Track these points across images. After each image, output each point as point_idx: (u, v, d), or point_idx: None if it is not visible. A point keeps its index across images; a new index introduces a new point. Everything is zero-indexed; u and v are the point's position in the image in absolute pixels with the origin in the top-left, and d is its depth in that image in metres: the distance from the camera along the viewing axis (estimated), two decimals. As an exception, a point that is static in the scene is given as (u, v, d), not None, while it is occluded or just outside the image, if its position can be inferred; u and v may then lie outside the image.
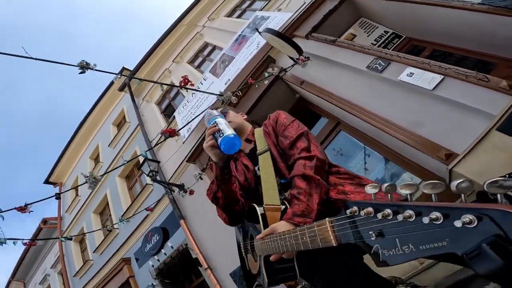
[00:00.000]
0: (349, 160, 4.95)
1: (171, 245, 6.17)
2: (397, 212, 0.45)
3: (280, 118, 1.36)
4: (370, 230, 0.51)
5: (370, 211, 0.50)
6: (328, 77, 4.36)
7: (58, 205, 10.52)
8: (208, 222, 5.44)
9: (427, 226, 0.40)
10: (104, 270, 8.07)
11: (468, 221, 0.34)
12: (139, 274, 7.09)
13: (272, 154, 1.27)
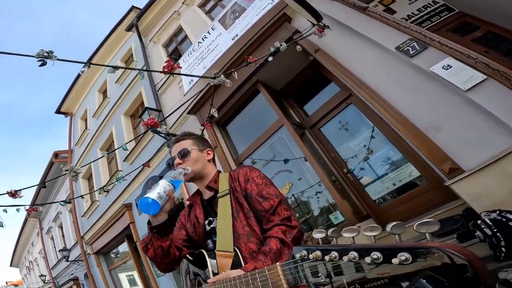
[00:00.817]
0: (352, 137, 4.74)
1: (163, 178, 6.30)
2: (342, 254, 0.48)
3: (254, 175, 1.29)
4: (319, 272, 0.54)
5: (318, 255, 0.53)
6: (348, 50, 3.87)
7: (69, 138, 10.79)
8: None
9: (369, 265, 0.43)
10: (108, 214, 8.59)
11: (404, 258, 0.38)
12: (139, 221, 7.46)
13: (231, 200, 1.24)
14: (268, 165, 5.18)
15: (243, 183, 1.25)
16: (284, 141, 4.98)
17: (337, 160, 4.89)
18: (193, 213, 1.38)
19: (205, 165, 1.39)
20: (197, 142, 1.44)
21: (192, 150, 1.37)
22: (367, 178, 4.72)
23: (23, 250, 19.65)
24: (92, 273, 10.26)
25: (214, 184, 1.34)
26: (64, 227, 12.10)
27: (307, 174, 4.83)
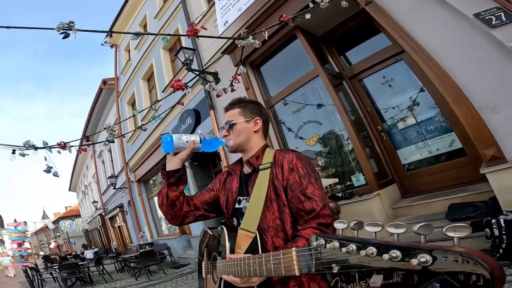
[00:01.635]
0: (395, 94, 4.42)
1: (200, 132, 6.52)
2: (360, 248, 0.47)
3: (299, 165, 1.13)
4: (333, 263, 0.53)
5: (335, 245, 0.53)
6: (407, 8, 3.48)
7: (115, 67, 11.47)
8: None
9: (386, 263, 0.42)
10: (147, 143, 9.21)
11: (424, 260, 0.36)
12: None
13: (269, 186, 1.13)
14: (298, 113, 5.10)
15: (286, 171, 1.12)
16: (318, 91, 4.79)
17: (373, 116, 4.65)
18: (229, 183, 1.30)
19: (249, 137, 1.26)
20: (244, 110, 1.29)
21: (237, 121, 1.25)
22: (402, 140, 4.48)
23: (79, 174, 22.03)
24: (133, 201, 11.51)
25: (255, 161, 1.23)
26: (113, 152, 13.36)
27: (336, 128, 4.70)
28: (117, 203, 14.22)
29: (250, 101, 1.36)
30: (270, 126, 5.69)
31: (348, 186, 4.62)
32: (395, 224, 0.46)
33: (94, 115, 13.91)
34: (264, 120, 1.31)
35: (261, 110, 1.33)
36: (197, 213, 1.29)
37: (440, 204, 3.72)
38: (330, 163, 4.93)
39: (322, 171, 5.00)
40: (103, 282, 7.72)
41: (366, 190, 4.23)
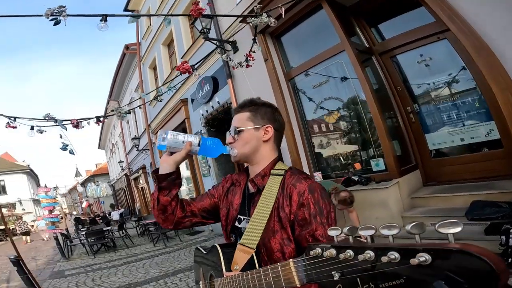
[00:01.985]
0: (432, 75, 4.02)
1: (217, 100, 6.69)
2: (357, 253, 0.47)
3: (312, 199, 0.96)
4: (333, 270, 0.52)
5: (332, 253, 0.53)
6: None
7: (136, 33, 11.58)
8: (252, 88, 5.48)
9: (386, 265, 0.42)
10: (168, 106, 9.32)
11: (423, 259, 0.36)
12: (192, 118, 8.11)
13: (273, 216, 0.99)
14: (319, 88, 4.79)
15: (295, 205, 0.96)
16: (342, 67, 4.43)
17: (403, 95, 4.31)
18: (231, 195, 1.18)
19: (257, 147, 1.10)
20: (254, 115, 1.11)
21: (244, 128, 1.09)
22: (433, 124, 4.16)
23: (107, 132, 22.97)
24: (155, 163, 11.89)
25: (260, 181, 1.07)
26: (136, 113, 13.75)
27: (359, 107, 4.39)
28: (140, 164, 14.79)
29: (263, 103, 1.14)
30: (289, 100, 5.32)
31: (365, 170, 4.42)
32: (388, 226, 0.47)
33: (119, 79, 14.22)
34: (277, 127, 1.12)
35: (274, 116, 1.13)
36: (194, 219, 1.20)
37: (461, 199, 3.50)
38: (349, 143, 4.68)
39: (340, 152, 4.78)
40: (125, 247, 8.26)
41: (384, 177, 4.05)
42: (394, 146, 4.21)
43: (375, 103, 3.98)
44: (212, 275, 1.12)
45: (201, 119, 7.41)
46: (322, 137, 5.00)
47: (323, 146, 5.02)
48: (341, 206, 3.28)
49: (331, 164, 4.98)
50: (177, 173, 1.12)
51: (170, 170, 1.10)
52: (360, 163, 4.56)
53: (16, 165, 28.01)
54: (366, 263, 0.46)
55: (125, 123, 16.64)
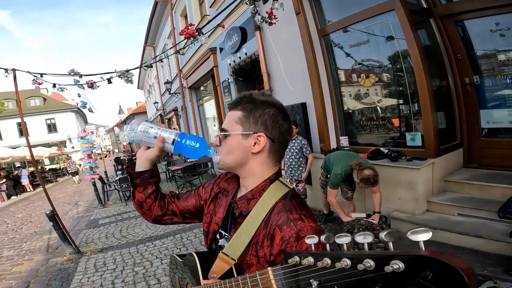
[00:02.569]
0: (506, 46, 3.36)
1: (245, 51, 6.36)
2: (334, 261, 0.47)
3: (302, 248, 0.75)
4: (311, 278, 0.52)
5: (310, 261, 0.52)
6: None
7: None
8: (282, 43, 5.17)
9: (362, 272, 0.43)
10: (197, 54, 9.24)
11: (396, 267, 0.37)
12: (220, 66, 7.94)
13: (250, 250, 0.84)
14: (357, 48, 4.17)
15: (277, 248, 0.78)
16: (388, 28, 3.75)
17: (463, 64, 3.73)
18: (217, 204, 1.03)
19: (244, 160, 0.87)
20: (246, 118, 0.86)
21: (230, 133, 0.87)
22: (492, 99, 3.66)
23: (145, 74, 23.44)
24: (185, 106, 12.12)
25: (244, 205, 0.88)
26: (169, 58, 13.73)
27: (403, 73, 3.80)
28: (173, 106, 15.31)
29: (265, 102, 0.87)
30: (320, 58, 4.77)
31: (398, 143, 4.03)
32: (362, 234, 0.47)
33: (153, 26, 14.17)
34: (274, 137, 0.85)
35: (274, 121, 0.85)
36: (174, 219, 1.12)
37: (500, 191, 3.16)
38: (384, 111, 4.19)
39: (373, 119, 4.30)
40: None
41: (419, 154, 3.68)
42: (439, 119, 3.73)
43: (423, 69, 3.45)
44: (188, 283, 1.06)
45: (228, 68, 7.24)
46: (354, 101, 4.53)
47: (353, 111, 4.59)
48: (363, 184, 2.99)
49: (360, 131, 4.59)
50: (151, 171, 1.02)
51: (143, 169, 1.01)
52: (394, 135, 4.16)
53: (65, 104, 29.98)
54: (343, 271, 0.46)
55: (160, 67, 16.82)
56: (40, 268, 4.11)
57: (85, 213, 7.65)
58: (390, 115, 4.15)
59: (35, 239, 5.73)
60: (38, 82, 3.94)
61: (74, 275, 3.66)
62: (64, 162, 21.45)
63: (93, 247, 4.62)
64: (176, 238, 4.52)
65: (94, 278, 3.54)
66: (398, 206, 3.64)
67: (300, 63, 4.72)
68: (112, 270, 3.70)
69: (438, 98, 3.73)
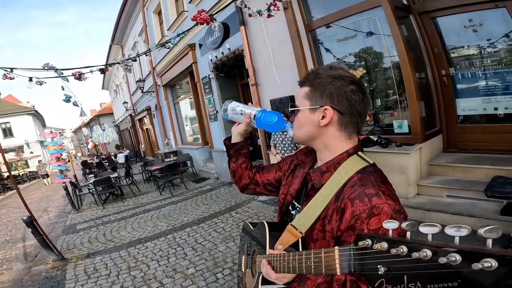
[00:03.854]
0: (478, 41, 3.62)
1: (228, 46, 6.29)
2: (412, 250, 0.44)
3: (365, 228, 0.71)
4: (379, 264, 0.50)
5: (383, 247, 0.49)
6: None
7: None
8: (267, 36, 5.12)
9: (441, 266, 0.40)
10: (174, 50, 8.87)
11: (488, 265, 0.34)
12: (200, 62, 7.78)
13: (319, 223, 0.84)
14: (345, 42, 4.31)
15: (345, 223, 0.75)
16: (375, 23, 3.92)
17: (439, 58, 4.00)
18: (295, 176, 1.05)
19: (315, 134, 0.88)
20: (313, 92, 0.86)
21: (299, 108, 0.89)
22: (467, 89, 3.95)
23: (111, 73, 22.10)
24: (160, 105, 11.71)
25: (317, 177, 0.88)
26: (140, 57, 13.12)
27: (389, 66, 4.00)
28: (145, 105, 14.73)
29: (331, 76, 0.85)
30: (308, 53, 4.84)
31: (387, 131, 4.23)
32: (455, 227, 0.41)
33: (121, 23, 13.50)
34: (343, 109, 0.84)
35: (342, 93, 0.83)
36: (257, 188, 1.23)
37: (483, 172, 3.40)
38: (372, 103, 4.39)
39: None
40: (132, 196, 8.36)
41: (406, 140, 3.89)
42: (422, 108, 3.97)
43: (409, 63, 3.66)
44: (255, 251, 1.11)
45: (209, 64, 7.13)
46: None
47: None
48: None
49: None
50: (241, 143, 1.19)
51: (235, 141, 1.19)
52: (383, 124, 4.35)
53: (20, 107, 27.68)
54: (419, 262, 0.43)
55: (129, 65, 16.06)
56: (23, 277, 3.79)
57: (58, 219, 7.15)
58: (377, 105, 4.34)
59: (9, 248, 5.29)
60: (9, 77, 3.60)
61: (65, 283, 3.42)
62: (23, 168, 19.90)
63: (78, 253, 4.34)
64: (168, 238, 4.38)
65: (88, 285, 3.34)
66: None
67: (287, 57, 4.78)
68: (107, 275, 3.51)
69: (421, 88, 3.99)
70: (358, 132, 0.90)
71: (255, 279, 1.04)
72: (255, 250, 1.10)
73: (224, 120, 7.41)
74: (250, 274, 1.13)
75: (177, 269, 3.36)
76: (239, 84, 7.51)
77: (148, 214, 5.94)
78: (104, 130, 19.89)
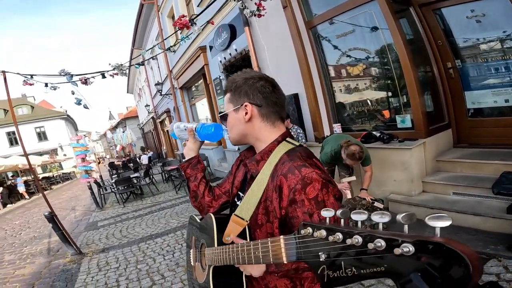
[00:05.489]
0: (483, 32, 3.49)
1: (235, 47, 6.40)
2: (346, 237, 0.48)
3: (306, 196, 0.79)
4: (320, 251, 0.53)
5: (322, 234, 0.53)
6: None
7: None
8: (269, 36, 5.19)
9: (371, 252, 0.43)
10: (188, 53, 9.21)
11: (406, 250, 0.37)
12: (211, 64, 7.96)
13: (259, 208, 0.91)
14: (344, 37, 4.28)
15: (285, 199, 0.83)
16: (371, 17, 3.86)
17: (444, 50, 3.87)
18: (240, 169, 1.13)
19: (245, 130, 0.98)
20: (233, 95, 0.98)
21: (226, 112, 1.01)
22: (475, 81, 3.80)
23: (134, 78, 23.24)
24: (177, 107, 12.12)
25: (254, 166, 0.96)
26: (159, 59, 13.62)
27: (388, 59, 3.91)
28: (165, 108, 15.18)
29: (243, 78, 0.97)
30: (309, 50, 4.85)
31: (389, 126, 4.14)
32: (380, 213, 0.45)
33: (140, 29, 14.06)
34: (259, 102, 0.94)
35: (254, 88, 0.95)
36: (221, 200, 1.19)
37: (492, 167, 3.24)
38: (373, 97, 4.34)
39: (363, 105, 4.40)
40: (150, 195, 8.53)
41: (409, 135, 3.80)
42: (426, 102, 3.87)
43: (407, 55, 3.55)
44: (203, 244, 1.12)
45: (219, 65, 7.27)
46: (343, 88, 4.65)
47: (344, 97, 4.70)
48: (349, 161, 3.03)
49: (352, 117, 4.71)
50: (196, 158, 1.20)
51: (189, 156, 1.20)
52: (385, 119, 4.25)
53: (54, 112, 29.54)
54: (352, 248, 0.47)
55: (149, 69, 16.74)
56: (43, 270, 4.13)
57: (83, 217, 7.64)
58: (379, 100, 4.26)
59: (35, 243, 5.73)
60: (29, 83, 3.91)
61: (78, 275, 3.69)
62: (57, 170, 21.12)
63: (94, 248, 4.63)
64: (177, 234, 4.56)
65: (98, 277, 3.58)
66: (394, 188, 3.75)
67: (290, 56, 4.80)
68: (116, 268, 3.73)
69: (424, 82, 3.89)
70: (282, 120, 1.00)
71: (205, 272, 1.07)
72: (203, 243, 1.13)
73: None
74: (200, 267, 1.15)
75: (180, 264, 3.50)
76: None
77: (163, 212, 6.19)
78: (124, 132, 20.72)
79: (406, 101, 3.85)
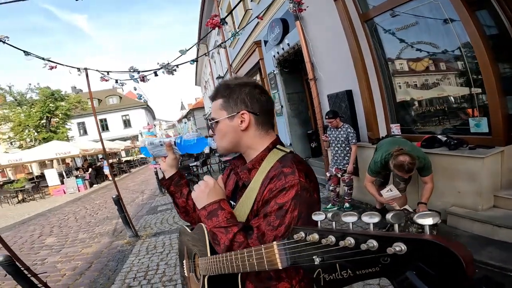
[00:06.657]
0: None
1: (288, 42, 6.22)
2: (339, 239, 0.47)
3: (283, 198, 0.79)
4: (314, 255, 0.53)
5: (315, 238, 0.53)
6: None
7: None
8: (323, 30, 4.91)
9: (364, 252, 0.43)
10: (244, 48, 9.30)
11: (398, 249, 0.37)
12: (266, 58, 7.92)
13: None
14: (405, 30, 3.68)
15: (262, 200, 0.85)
16: (438, 8, 3.23)
17: None
18: (230, 179, 1.11)
19: (238, 138, 0.94)
20: (226, 102, 0.93)
21: (219, 119, 0.95)
22: None
23: (201, 70, 24.56)
24: None
25: (245, 175, 0.93)
26: (220, 54, 14.08)
27: (461, 54, 3.26)
28: None
29: (238, 84, 0.94)
30: (365, 44, 4.44)
31: (460, 129, 3.49)
32: (369, 214, 0.46)
33: (203, 24, 14.18)
34: (256, 110, 0.92)
35: (251, 97, 0.92)
36: None
37: None
38: (441, 95, 3.68)
39: (428, 104, 3.80)
40: None
41: (484, 142, 3.15)
42: (508, 103, 3.12)
43: (485, 48, 2.91)
44: (196, 254, 1.10)
45: (273, 60, 7.16)
46: (404, 85, 4.05)
47: (405, 95, 4.10)
48: (397, 171, 2.65)
49: (414, 117, 4.08)
50: (178, 175, 1.16)
51: (170, 175, 1.15)
52: (455, 121, 3.61)
53: (137, 102, 33.01)
54: (346, 250, 0.46)
55: (213, 63, 17.39)
56: (104, 250, 4.59)
57: (148, 201, 8.35)
58: (449, 100, 3.61)
59: (106, 223, 6.39)
60: (105, 79, 4.34)
61: (129, 257, 4.03)
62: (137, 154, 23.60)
63: (149, 231, 5.01)
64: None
65: (143, 260, 3.85)
66: (457, 200, 3.19)
67: (343, 50, 4.39)
68: (160, 253, 3.98)
69: (508, 80, 3.12)
70: (272, 127, 0.98)
71: (200, 282, 1.04)
72: (196, 253, 1.10)
73: (289, 115, 7.34)
74: (195, 278, 1.13)
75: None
76: (304, 79, 7.28)
77: (213, 200, 6.37)
78: (185, 123, 22.04)
79: (482, 101, 3.19)
